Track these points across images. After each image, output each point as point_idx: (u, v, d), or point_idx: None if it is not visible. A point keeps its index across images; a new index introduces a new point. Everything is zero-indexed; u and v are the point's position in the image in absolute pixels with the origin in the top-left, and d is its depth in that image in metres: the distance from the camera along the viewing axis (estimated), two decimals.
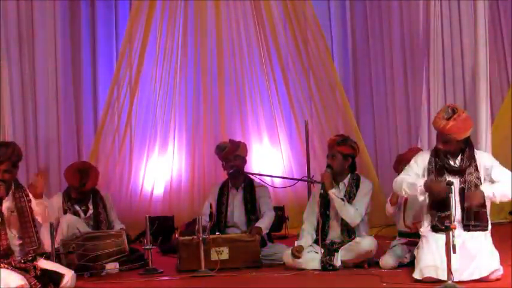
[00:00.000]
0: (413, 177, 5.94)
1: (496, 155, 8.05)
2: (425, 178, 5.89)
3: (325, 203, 6.76)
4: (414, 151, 6.85)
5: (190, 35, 10.17)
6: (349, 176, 6.81)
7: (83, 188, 7.24)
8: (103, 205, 7.37)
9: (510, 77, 10.28)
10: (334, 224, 6.76)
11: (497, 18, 10.22)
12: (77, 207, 7.28)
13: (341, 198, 6.66)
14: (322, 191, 6.73)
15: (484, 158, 5.95)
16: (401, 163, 6.77)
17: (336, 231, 6.75)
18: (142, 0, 9.87)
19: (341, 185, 6.79)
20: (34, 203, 5.81)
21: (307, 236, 6.79)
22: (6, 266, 5.61)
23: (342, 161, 6.76)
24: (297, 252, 6.62)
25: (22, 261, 5.71)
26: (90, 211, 7.31)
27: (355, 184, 6.78)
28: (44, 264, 5.81)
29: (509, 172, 5.87)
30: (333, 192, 6.66)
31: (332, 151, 6.78)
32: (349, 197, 6.73)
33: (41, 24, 9.78)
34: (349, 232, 6.71)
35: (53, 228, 6.94)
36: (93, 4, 10.46)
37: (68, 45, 10.17)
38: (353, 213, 6.64)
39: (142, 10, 9.85)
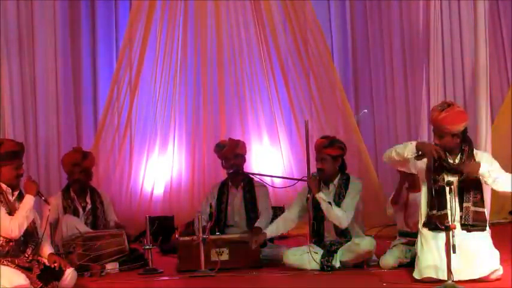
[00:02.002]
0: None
1: (496, 155, 8.03)
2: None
3: (317, 206, 6.76)
4: None
5: (190, 35, 10.17)
6: (338, 176, 6.80)
7: (84, 161, 7.29)
8: (100, 200, 7.40)
9: (510, 77, 10.29)
10: (328, 225, 6.75)
11: (497, 18, 10.22)
12: (76, 204, 7.30)
13: (328, 202, 6.64)
14: (309, 195, 6.72)
15: (484, 159, 5.94)
16: None
17: (330, 232, 6.74)
18: (142, 0, 9.87)
19: (331, 186, 6.77)
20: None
21: (277, 223, 6.87)
22: (9, 264, 5.63)
23: (332, 162, 6.75)
24: (255, 242, 6.67)
25: (26, 256, 5.74)
26: (89, 206, 7.33)
27: (345, 185, 6.76)
28: (45, 261, 5.84)
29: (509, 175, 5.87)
30: (320, 196, 6.65)
31: (320, 154, 6.75)
32: (339, 197, 6.71)
33: (41, 24, 9.78)
34: (343, 233, 6.71)
35: (52, 229, 6.99)
36: (93, 4, 10.47)
37: (68, 45, 10.17)
38: (340, 215, 6.61)
39: (142, 10, 9.86)
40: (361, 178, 7.10)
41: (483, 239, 5.81)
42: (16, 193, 5.86)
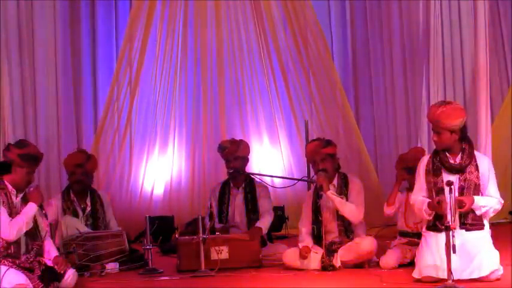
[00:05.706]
0: (420, 200, 5.92)
1: (496, 155, 8.05)
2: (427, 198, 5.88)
3: (316, 209, 6.76)
4: (416, 151, 6.87)
5: (190, 35, 10.17)
6: (336, 176, 6.82)
7: (87, 163, 7.29)
8: (100, 202, 7.39)
9: (510, 77, 10.29)
10: (331, 226, 6.73)
11: (497, 18, 10.22)
12: (76, 206, 7.29)
13: (340, 197, 6.66)
14: (316, 194, 6.73)
15: (484, 163, 5.92)
16: (402, 163, 6.78)
17: (333, 233, 6.74)
18: (142, 0, 9.86)
19: (331, 186, 6.76)
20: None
21: (308, 239, 6.81)
22: (11, 265, 5.64)
23: (331, 161, 6.78)
24: (305, 253, 6.61)
25: (27, 257, 5.75)
26: (89, 208, 7.32)
27: (345, 183, 6.79)
28: (46, 262, 5.85)
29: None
30: (331, 193, 6.66)
31: (320, 155, 6.75)
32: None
33: (41, 24, 9.78)
34: (347, 232, 6.71)
35: (53, 229, 6.99)
36: (93, 4, 10.46)
37: (68, 46, 10.16)
38: (354, 210, 6.65)
39: (142, 10, 9.85)
40: (361, 178, 7.11)
41: (483, 239, 5.81)
42: (20, 195, 5.91)
